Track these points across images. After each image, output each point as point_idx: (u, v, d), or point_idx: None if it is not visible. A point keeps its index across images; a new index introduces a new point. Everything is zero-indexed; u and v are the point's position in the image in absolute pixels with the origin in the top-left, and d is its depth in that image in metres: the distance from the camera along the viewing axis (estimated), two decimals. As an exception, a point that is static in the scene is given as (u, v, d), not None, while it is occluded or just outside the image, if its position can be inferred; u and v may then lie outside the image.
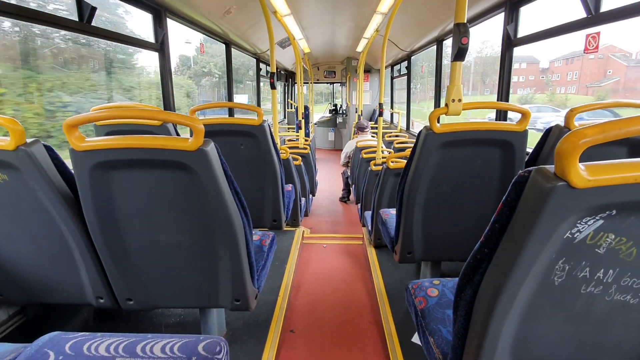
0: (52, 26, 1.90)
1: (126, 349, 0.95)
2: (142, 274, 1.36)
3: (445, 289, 1.30)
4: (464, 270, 0.85)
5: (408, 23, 4.40)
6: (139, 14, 2.69)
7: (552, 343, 0.81)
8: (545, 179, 0.63)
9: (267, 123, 2.06)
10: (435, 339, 1.12)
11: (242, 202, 1.33)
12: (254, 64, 6.00)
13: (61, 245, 1.34)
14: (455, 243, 1.77)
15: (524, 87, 12.05)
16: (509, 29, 2.64)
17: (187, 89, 5.74)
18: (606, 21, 1.88)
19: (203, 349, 0.95)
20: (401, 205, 1.74)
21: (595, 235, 0.66)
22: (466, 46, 1.47)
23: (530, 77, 12.28)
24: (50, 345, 0.96)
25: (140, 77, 4.09)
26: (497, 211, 0.75)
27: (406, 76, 6.15)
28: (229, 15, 3.55)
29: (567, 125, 1.55)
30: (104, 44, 3.31)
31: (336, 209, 4.86)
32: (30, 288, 1.46)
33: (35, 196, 1.24)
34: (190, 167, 1.14)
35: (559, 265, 0.69)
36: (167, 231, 1.28)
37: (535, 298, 0.73)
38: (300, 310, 2.16)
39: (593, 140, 0.59)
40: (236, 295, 1.38)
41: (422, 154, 1.57)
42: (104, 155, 1.14)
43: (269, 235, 1.90)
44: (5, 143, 1.14)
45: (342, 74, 9.90)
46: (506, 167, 1.60)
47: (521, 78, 11.89)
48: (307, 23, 5.19)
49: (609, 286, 0.72)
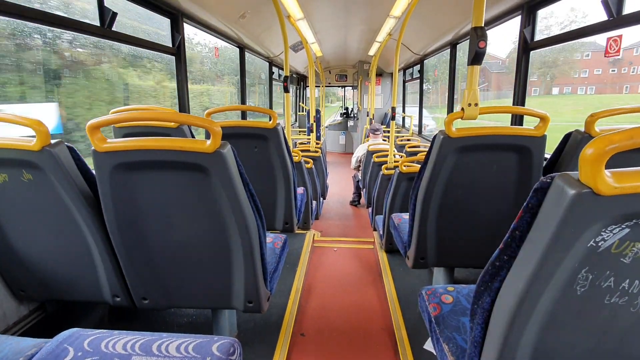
0: (75, 31, 1.97)
1: (142, 347, 0.96)
2: (158, 273, 1.38)
3: (460, 296, 1.28)
4: (482, 277, 0.84)
5: (421, 27, 4.38)
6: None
7: (573, 355, 0.79)
8: (569, 185, 0.62)
9: (280, 126, 2.08)
10: (450, 346, 1.10)
11: (257, 204, 1.34)
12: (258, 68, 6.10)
13: (81, 244, 1.38)
14: (469, 249, 1.74)
15: (588, 83, 8.15)
16: (526, 32, 2.60)
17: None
18: (629, 24, 1.83)
19: (217, 350, 0.96)
20: (414, 209, 1.73)
21: (620, 244, 0.64)
22: (484, 50, 1.46)
23: (596, 71, 8.34)
24: (69, 341, 0.98)
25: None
26: (518, 217, 0.73)
27: (419, 80, 6.12)
28: (243, 19, 3.60)
29: (587, 130, 1.51)
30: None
31: (347, 212, 4.85)
32: (50, 285, 1.49)
33: (58, 196, 1.27)
34: (207, 168, 1.16)
35: (581, 275, 0.67)
36: (183, 232, 1.30)
37: (557, 307, 0.71)
38: (310, 314, 2.16)
39: (620, 147, 0.57)
40: (249, 297, 1.39)
41: (437, 159, 1.56)
42: (124, 156, 1.16)
43: (281, 238, 1.91)
44: (32, 144, 1.18)
45: (353, 77, 9.90)
46: (523, 173, 1.57)
47: (583, 73, 7.90)
48: (319, 27, 5.22)
49: (635, 297, 0.70)
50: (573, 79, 6.26)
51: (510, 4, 2.73)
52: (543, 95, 8.03)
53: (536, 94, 7.02)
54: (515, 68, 2.75)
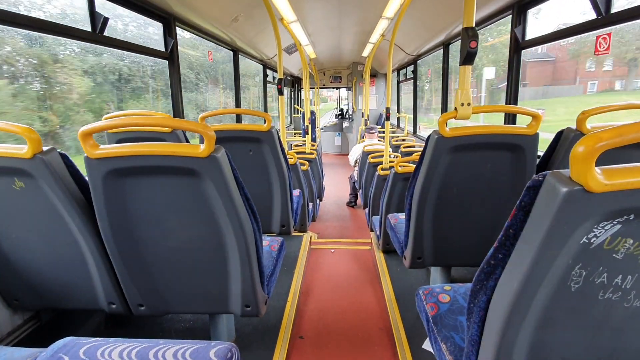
0: (66, 37, 1.95)
1: (139, 355, 0.95)
2: (154, 279, 1.37)
3: (457, 295, 1.29)
4: (478, 276, 0.84)
5: (414, 27, 4.41)
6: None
7: (569, 350, 0.79)
8: (560, 183, 0.63)
9: (275, 129, 2.08)
10: (448, 345, 1.10)
11: (253, 208, 1.33)
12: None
13: (75, 251, 1.36)
14: (465, 248, 1.75)
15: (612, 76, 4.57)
16: (517, 32, 2.62)
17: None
18: (617, 22, 1.86)
19: (215, 355, 0.95)
20: (410, 209, 1.73)
21: (612, 240, 0.65)
22: (475, 50, 1.47)
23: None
24: (65, 350, 0.97)
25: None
26: (511, 216, 0.74)
27: (412, 80, 6.15)
28: (236, 22, 3.60)
29: (579, 128, 1.53)
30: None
31: (343, 213, 4.85)
32: (44, 293, 1.48)
33: (51, 203, 1.26)
34: (201, 173, 1.15)
35: (575, 271, 0.68)
36: (178, 237, 1.29)
37: (552, 304, 0.72)
38: (309, 316, 2.15)
39: (610, 144, 0.58)
40: (246, 301, 1.38)
41: (431, 158, 1.56)
42: (117, 162, 1.16)
43: (277, 241, 1.90)
44: (23, 151, 1.17)
45: (348, 78, 9.93)
46: (517, 171, 1.58)
47: (608, 64, 4.34)
48: (313, 29, 5.24)
49: (628, 292, 0.70)
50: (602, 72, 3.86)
51: (501, 4, 2.75)
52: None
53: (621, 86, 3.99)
54: (507, 66, 2.78)
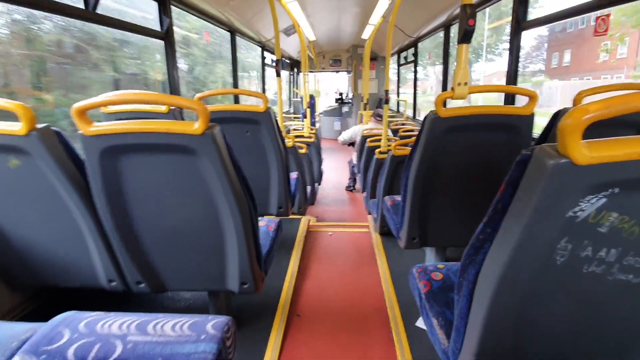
0: (56, 13, 1.91)
1: (138, 327, 0.98)
2: (152, 257, 1.39)
3: (450, 273, 1.31)
4: (467, 250, 0.86)
5: (414, 8, 4.31)
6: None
7: (555, 322, 0.82)
8: (547, 156, 0.63)
9: (271, 110, 2.07)
10: (439, 320, 1.14)
11: (248, 187, 1.34)
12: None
13: (73, 229, 1.38)
14: (460, 228, 1.77)
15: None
16: (518, 12, 2.57)
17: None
18: (617, 3, 1.82)
19: (212, 328, 0.98)
20: (406, 190, 1.74)
21: (597, 214, 0.66)
22: (473, 28, 1.45)
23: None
24: (65, 323, 0.99)
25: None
26: (500, 191, 0.75)
27: (413, 63, 6.06)
28: (233, 1, 3.52)
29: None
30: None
31: (342, 197, 4.87)
32: (43, 272, 1.50)
33: (47, 181, 1.27)
34: (196, 150, 1.16)
35: (561, 245, 0.69)
36: (175, 215, 1.31)
37: (538, 277, 0.74)
38: (306, 295, 2.20)
39: (597, 116, 0.58)
40: (243, 278, 1.41)
41: (427, 139, 1.56)
42: (112, 139, 1.16)
43: (274, 221, 1.92)
44: (17, 128, 1.17)
45: (347, 62, 9.77)
46: (513, 151, 1.58)
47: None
48: (311, 10, 5.12)
49: (612, 265, 0.72)
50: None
51: None
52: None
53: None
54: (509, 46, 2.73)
